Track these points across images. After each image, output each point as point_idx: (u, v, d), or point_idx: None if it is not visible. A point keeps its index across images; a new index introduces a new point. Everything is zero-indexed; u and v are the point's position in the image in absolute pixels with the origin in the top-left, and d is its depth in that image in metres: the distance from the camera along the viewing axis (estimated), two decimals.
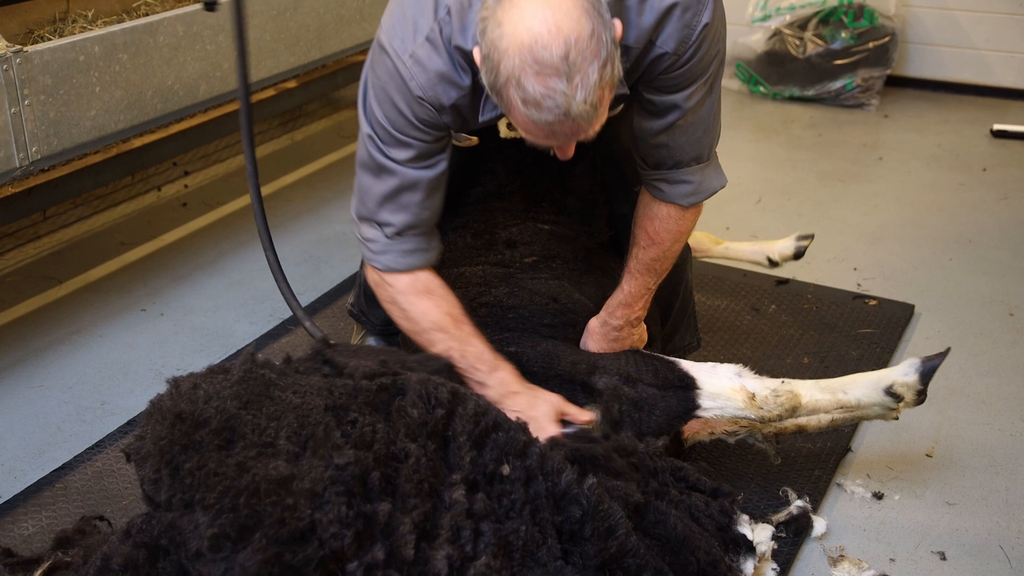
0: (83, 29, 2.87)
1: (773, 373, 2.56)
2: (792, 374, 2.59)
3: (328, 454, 1.55)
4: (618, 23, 1.64)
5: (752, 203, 3.66)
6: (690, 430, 2.20)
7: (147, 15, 2.90)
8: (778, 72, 4.65)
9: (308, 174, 3.86)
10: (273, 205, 3.60)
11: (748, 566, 1.86)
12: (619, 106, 1.97)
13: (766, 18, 4.68)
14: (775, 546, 2.00)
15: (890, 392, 2.01)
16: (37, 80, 2.47)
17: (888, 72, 4.56)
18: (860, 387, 2.03)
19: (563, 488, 1.69)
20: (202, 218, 3.50)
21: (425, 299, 1.97)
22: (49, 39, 2.72)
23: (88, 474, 2.25)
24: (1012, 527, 2.13)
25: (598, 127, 1.66)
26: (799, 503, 2.10)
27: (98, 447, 2.34)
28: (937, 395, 2.09)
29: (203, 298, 3.03)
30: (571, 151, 1.75)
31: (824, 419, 2.16)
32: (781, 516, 2.08)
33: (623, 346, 2.12)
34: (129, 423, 2.43)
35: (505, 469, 1.68)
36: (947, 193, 3.75)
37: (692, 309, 2.45)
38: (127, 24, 2.74)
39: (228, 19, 2.97)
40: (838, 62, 4.53)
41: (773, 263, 2.79)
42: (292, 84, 3.47)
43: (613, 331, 2.12)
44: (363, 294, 2.42)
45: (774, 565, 1.97)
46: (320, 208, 3.58)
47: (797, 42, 4.58)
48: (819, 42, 4.55)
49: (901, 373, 2.02)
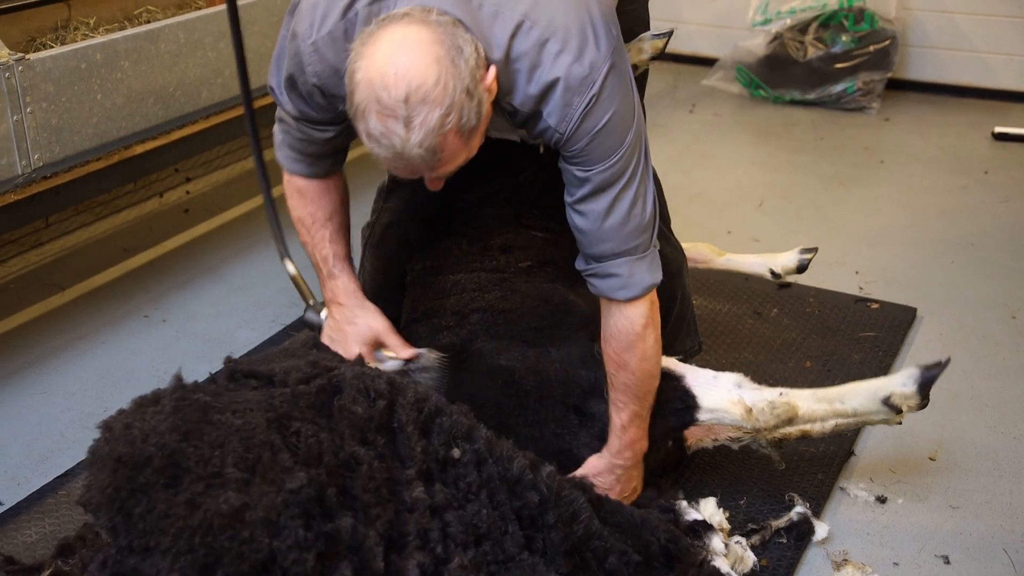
0: (85, 36, 2.88)
1: (775, 377, 2.58)
2: (794, 378, 2.60)
3: (279, 477, 1.52)
4: (491, 71, 1.68)
5: (753, 207, 3.66)
6: (693, 437, 2.21)
7: (148, 22, 2.91)
8: (779, 76, 4.65)
9: None
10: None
11: (716, 542, 1.88)
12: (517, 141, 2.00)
13: (767, 22, 4.68)
14: (727, 514, 2.05)
15: (888, 403, 2.01)
16: (39, 87, 2.47)
17: (889, 75, 4.56)
18: (858, 397, 2.03)
19: (516, 474, 1.68)
20: (204, 224, 3.50)
21: (296, 198, 2.11)
22: (51, 47, 2.73)
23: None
24: (1016, 531, 2.12)
25: (451, 168, 1.70)
26: (799, 509, 2.10)
27: None
28: (940, 399, 2.09)
29: (205, 304, 3.03)
30: (439, 184, 1.78)
31: (828, 425, 2.16)
32: (782, 522, 2.08)
33: (627, 488, 2.04)
34: None
35: (456, 452, 1.68)
36: (949, 196, 3.75)
37: (691, 314, 2.45)
38: (129, 31, 2.75)
39: (227, 25, 2.98)
40: (839, 65, 4.54)
41: (776, 275, 2.77)
42: None
43: (617, 471, 2.02)
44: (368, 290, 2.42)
45: (738, 538, 2.00)
46: None
47: (798, 46, 4.58)
48: (820, 45, 4.55)
49: (899, 383, 2.01)
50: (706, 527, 1.95)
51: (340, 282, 2.10)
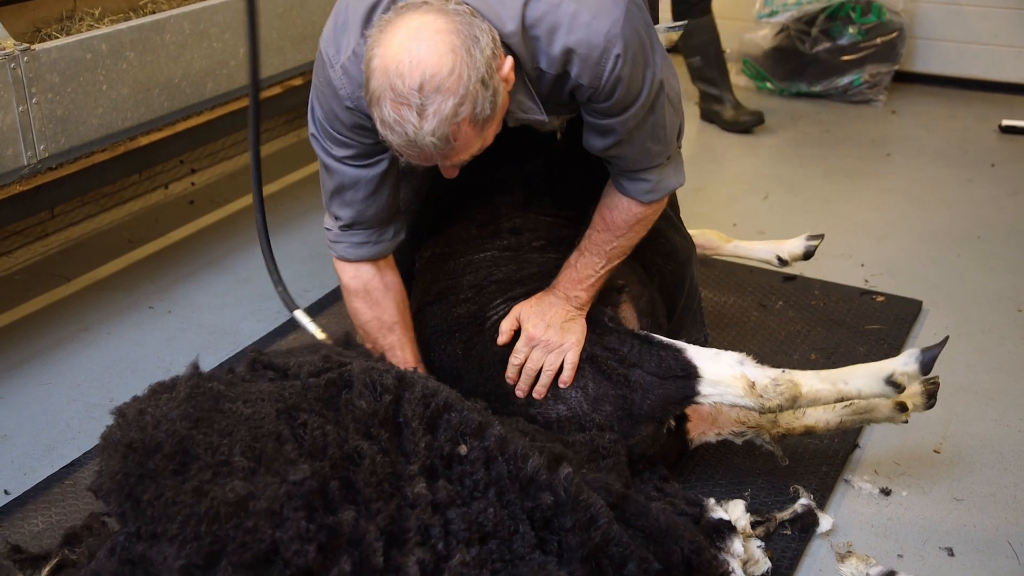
0: (90, 27, 2.87)
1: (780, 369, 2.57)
2: (799, 369, 2.59)
3: (283, 469, 1.52)
4: (508, 60, 1.70)
5: (759, 199, 3.65)
6: (696, 431, 2.20)
7: (154, 13, 2.90)
8: (785, 68, 4.63)
9: (314, 172, 3.86)
10: (279, 203, 3.61)
11: (736, 544, 1.87)
12: (556, 120, 2.00)
13: (773, 14, 4.66)
14: (752, 518, 2.03)
15: (891, 382, 1.99)
16: (44, 78, 2.47)
17: (896, 68, 4.54)
18: (860, 377, 2.03)
19: (529, 474, 1.66)
20: (209, 216, 3.51)
21: (359, 300, 2.09)
22: (56, 37, 2.72)
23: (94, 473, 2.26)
24: (1020, 523, 2.12)
25: (464, 156, 1.73)
26: (804, 501, 2.10)
27: None
28: (945, 391, 2.09)
29: (210, 296, 3.04)
30: (454, 172, 1.81)
31: (832, 420, 2.15)
32: (786, 514, 2.08)
33: (553, 330, 2.04)
34: None
35: (462, 449, 1.66)
36: (955, 189, 3.74)
37: (698, 305, 2.45)
38: (134, 22, 2.74)
39: (235, 16, 2.98)
40: (845, 58, 4.52)
41: (783, 262, 2.79)
42: (298, 82, 3.47)
43: (549, 307, 2.06)
44: None
45: (759, 541, 1.98)
46: None
47: (804, 38, 4.56)
48: (826, 38, 4.53)
49: (901, 363, 2.00)
50: (730, 528, 1.92)
51: None
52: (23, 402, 2.54)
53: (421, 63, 1.61)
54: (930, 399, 2.08)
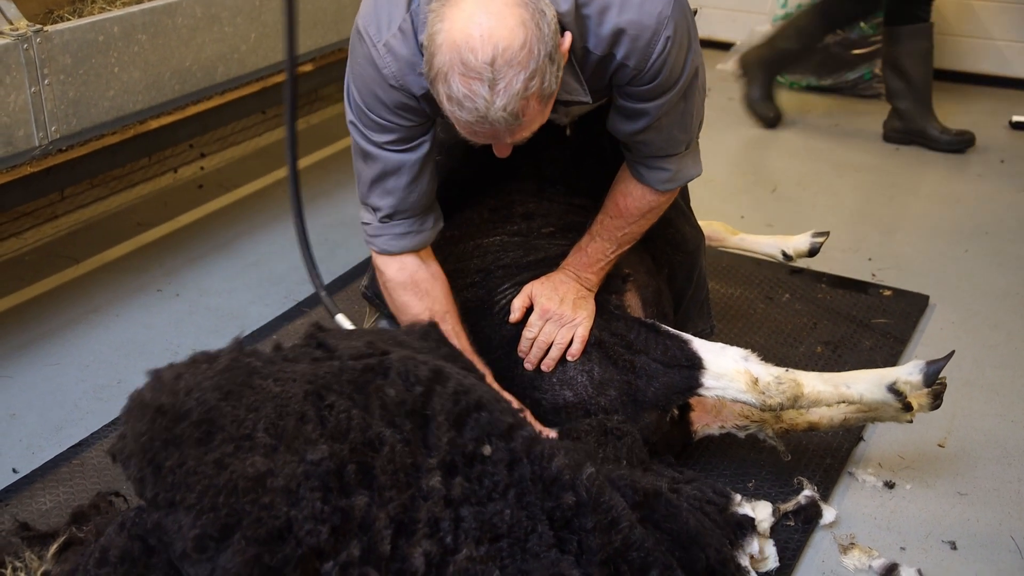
0: (102, 9, 2.87)
1: (786, 361, 2.57)
2: (805, 363, 2.60)
3: (302, 448, 1.53)
4: (567, 37, 1.68)
5: (768, 192, 3.65)
6: (700, 422, 2.21)
7: None
8: None
9: (323, 158, 3.87)
10: (286, 188, 3.60)
11: (754, 544, 1.87)
12: (588, 104, 1.98)
13: (787, 16, 4.63)
14: (774, 521, 2.02)
15: (893, 389, 2.00)
16: (57, 60, 2.48)
17: None
18: (863, 382, 2.03)
19: (553, 473, 1.64)
20: (218, 200, 3.51)
21: (408, 293, 2.03)
22: (69, 19, 2.73)
23: (104, 451, 2.26)
24: (1023, 518, 2.13)
25: (526, 133, 1.71)
26: (807, 492, 2.11)
27: (114, 424, 2.36)
28: (950, 386, 2.09)
29: (218, 279, 3.05)
30: (507, 151, 1.79)
31: (836, 418, 2.16)
32: (790, 505, 2.09)
33: (567, 305, 2.05)
34: None
35: (486, 449, 1.64)
36: (964, 184, 3.74)
37: (706, 296, 2.46)
38: (146, 5, 2.75)
39: (247, 1, 2.98)
40: (856, 52, 4.50)
41: (787, 257, 2.79)
42: (309, 67, 3.47)
43: (562, 280, 2.08)
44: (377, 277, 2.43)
45: (773, 542, 1.98)
46: (335, 192, 3.58)
47: None
48: (837, 31, 4.51)
49: (905, 372, 2.01)
50: (752, 527, 1.91)
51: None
52: (32, 382, 2.55)
53: (492, 36, 1.58)
54: (936, 399, 2.08)
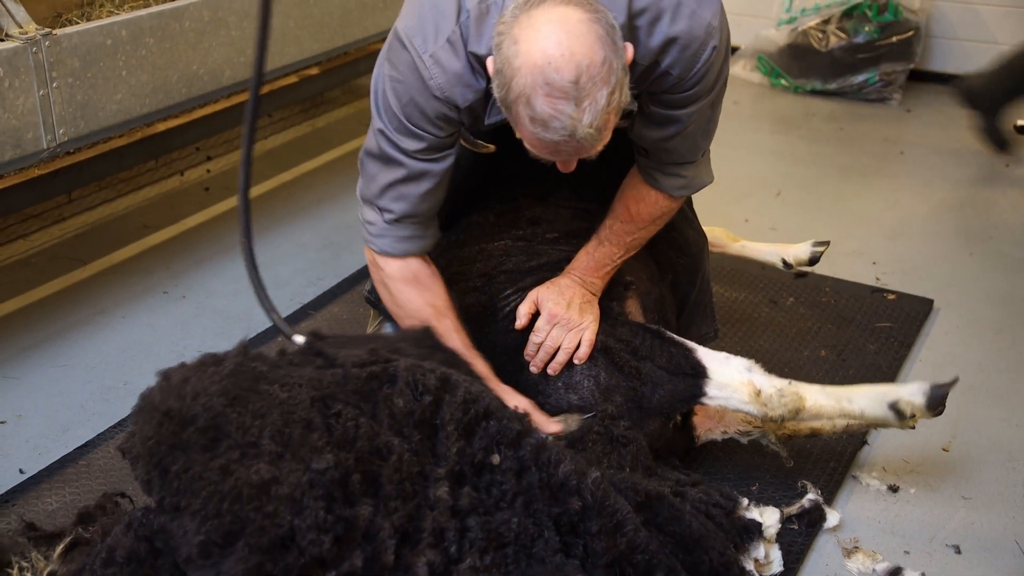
0: (110, 13, 2.89)
1: (790, 365, 2.58)
2: (808, 367, 2.61)
3: (307, 456, 1.52)
4: (630, 48, 1.69)
5: (772, 196, 3.65)
6: (703, 427, 2.21)
7: (173, 0, 2.92)
8: (800, 65, 4.63)
9: (329, 161, 3.88)
10: (293, 191, 3.62)
11: (760, 549, 1.87)
12: (627, 120, 1.99)
13: (792, 20, 4.65)
14: (779, 527, 2.02)
15: (895, 408, 2.02)
16: (65, 63, 2.49)
17: (911, 66, 4.53)
18: (866, 398, 2.04)
19: (560, 479, 1.63)
20: (224, 203, 3.52)
21: (411, 287, 2.03)
22: (77, 23, 2.74)
23: (110, 452, 2.28)
24: None
25: (600, 147, 1.71)
26: (811, 496, 2.11)
27: (120, 426, 2.37)
28: (955, 391, 2.09)
29: (224, 282, 3.06)
30: (573, 165, 1.80)
31: (839, 425, 2.16)
32: (793, 509, 2.09)
33: (573, 309, 2.05)
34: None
35: (495, 459, 1.63)
36: (968, 188, 3.74)
37: (710, 300, 2.46)
38: (154, 9, 2.76)
39: (253, 5, 3.00)
40: (861, 56, 4.51)
41: (787, 266, 2.78)
42: (315, 71, 3.49)
43: (567, 285, 2.08)
44: None
45: (778, 547, 1.98)
46: (340, 195, 3.59)
47: (820, 35, 4.55)
48: (842, 35, 4.52)
49: (908, 393, 2.02)
50: (758, 532, 1.92)
51: (477, 371, 1.99)
52: (38, 383, 2.56)
53: (575, 55, 1.58)
54: (938, 408, 2.08)
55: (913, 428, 2.10)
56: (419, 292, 2.03)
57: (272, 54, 3.12)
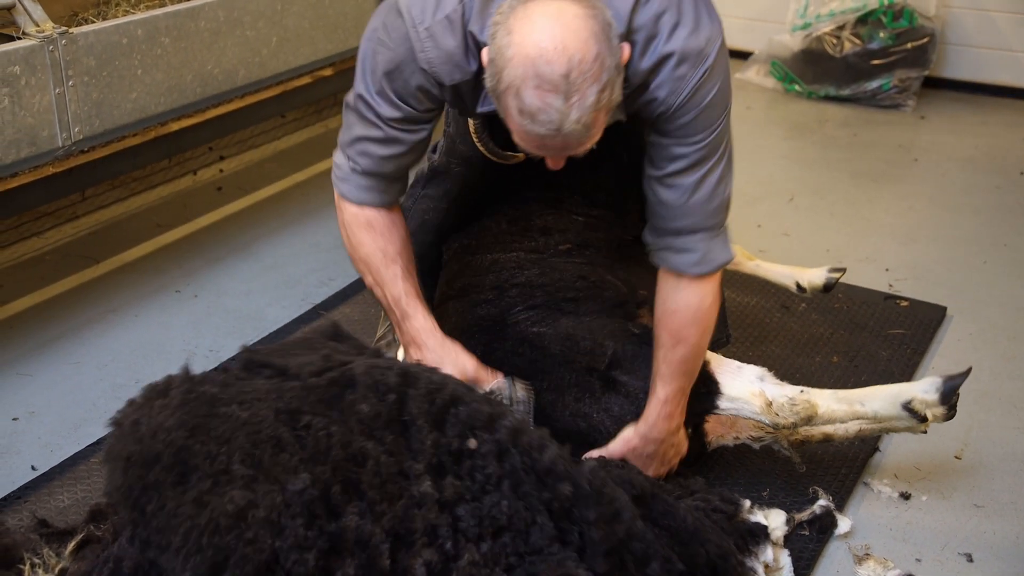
0: (126, 12, 2.91)
1: (801, 372, 2.57)
2: (820, 373, 2.60)
3: (282, 476, 1.49)
4: (626, 47, 1.68)
5: (785, 201, 3.65)
6: (714, 433, 2.21)
7: (189, 0, 2.93)
8: (814, 71, 4.61)
9: None
10: (307, 192, 3.63)
11: (768, 552, 1.86)
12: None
13: (806, 26, 4.63)
14: (788, 530, 2.02)
15: (908, 407, 2.01)
16: (81, 62, 2.51)
17: (926, 73, 4.52)
18: (878, 400, 2.03)
19: (547, 464, 1.59)
20: (236, 203, 3.54)
21: (365, 232, 2.02)
22: (93, 22, 2.76)
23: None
24: None
25: (589, 145, 1.70)
26: (822, 502, 2.10)
27: None
28: (967, 398, 2.08)
29: (236, 281, 3.07)
30: (561, 163, 1.79)
31: (852, 429, 2.15)
32: (805, 515, 2.08)
33: (663, 464, 2.04)
34: None
35: (471, 443, 1.59)
36: (983, 196, 3.72)
37: (722, 305, 2.45)
38: (169, 8, 2.78)
39: (269, 5, 3.01)
40: (875, 62, 4.50)
41: (801, 289, 2.75)
42: (328, 72, 3.49)
43: (653, 444, 2.01)
44: None
45: (788, 552, 1.98)
46: None
47: (834, 41, 4.54)
48: (856, 41, 4.51)
49: (921, 390, 2.01)
50: (765, 535, 1.90)
51: (417, 322, 1.99)
52: (51, 380, 2.57)
53: (567, 49, 1.57)
54: (950, 410, 2.07)
55: (925, 432, 2.09)
56: (372, 237, 2.01)
57: (286, 55, 3.13)
